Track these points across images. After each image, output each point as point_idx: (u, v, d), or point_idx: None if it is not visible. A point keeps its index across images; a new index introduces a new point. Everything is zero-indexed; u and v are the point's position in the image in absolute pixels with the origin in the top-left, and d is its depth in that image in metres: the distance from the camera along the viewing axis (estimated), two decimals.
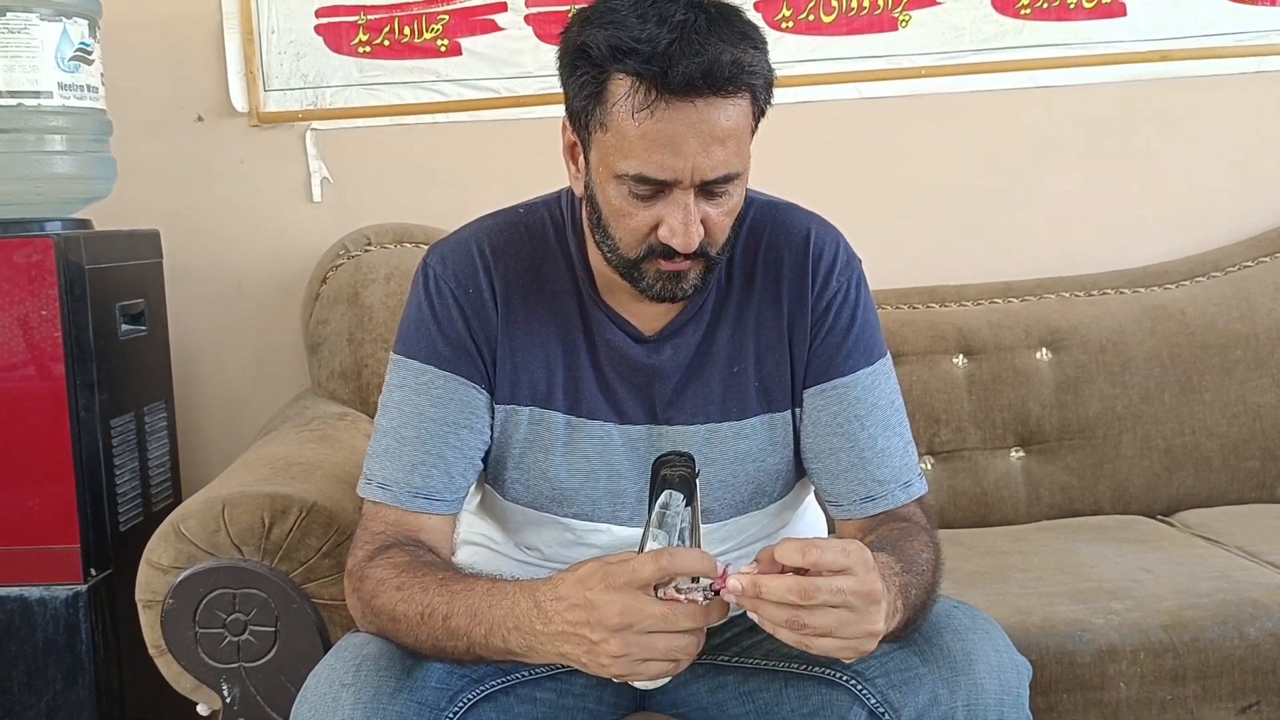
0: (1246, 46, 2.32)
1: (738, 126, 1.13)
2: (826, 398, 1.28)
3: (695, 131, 1.11)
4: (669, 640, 1.03)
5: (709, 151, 1.12)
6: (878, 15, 2.30)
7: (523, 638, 1.09)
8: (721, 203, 1.17)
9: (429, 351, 1.26)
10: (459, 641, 1.12)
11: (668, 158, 1.11)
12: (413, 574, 1.17)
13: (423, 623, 1.14)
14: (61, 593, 1.82)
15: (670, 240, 1.15)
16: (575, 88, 1.16)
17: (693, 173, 1.12)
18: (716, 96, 1.10)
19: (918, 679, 1.14)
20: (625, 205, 1.16)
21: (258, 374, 2.37)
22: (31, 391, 1.82)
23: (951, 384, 2.13)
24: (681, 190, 1.13)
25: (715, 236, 1.18)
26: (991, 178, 2.36)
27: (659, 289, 1.19)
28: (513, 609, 1.09)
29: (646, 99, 1.10)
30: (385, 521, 1.25)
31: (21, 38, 1.85)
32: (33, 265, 1.80)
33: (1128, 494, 2.12)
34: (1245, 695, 1.57)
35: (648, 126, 1.11)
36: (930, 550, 1.21)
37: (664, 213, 1.15)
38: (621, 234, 1.18)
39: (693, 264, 1.18)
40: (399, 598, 1.16)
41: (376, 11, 2.28)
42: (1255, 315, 2.17)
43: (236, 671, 1.48)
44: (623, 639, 1.02)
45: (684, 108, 1.10)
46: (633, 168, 1.13)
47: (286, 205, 2.34)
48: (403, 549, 1.21)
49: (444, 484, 1.25)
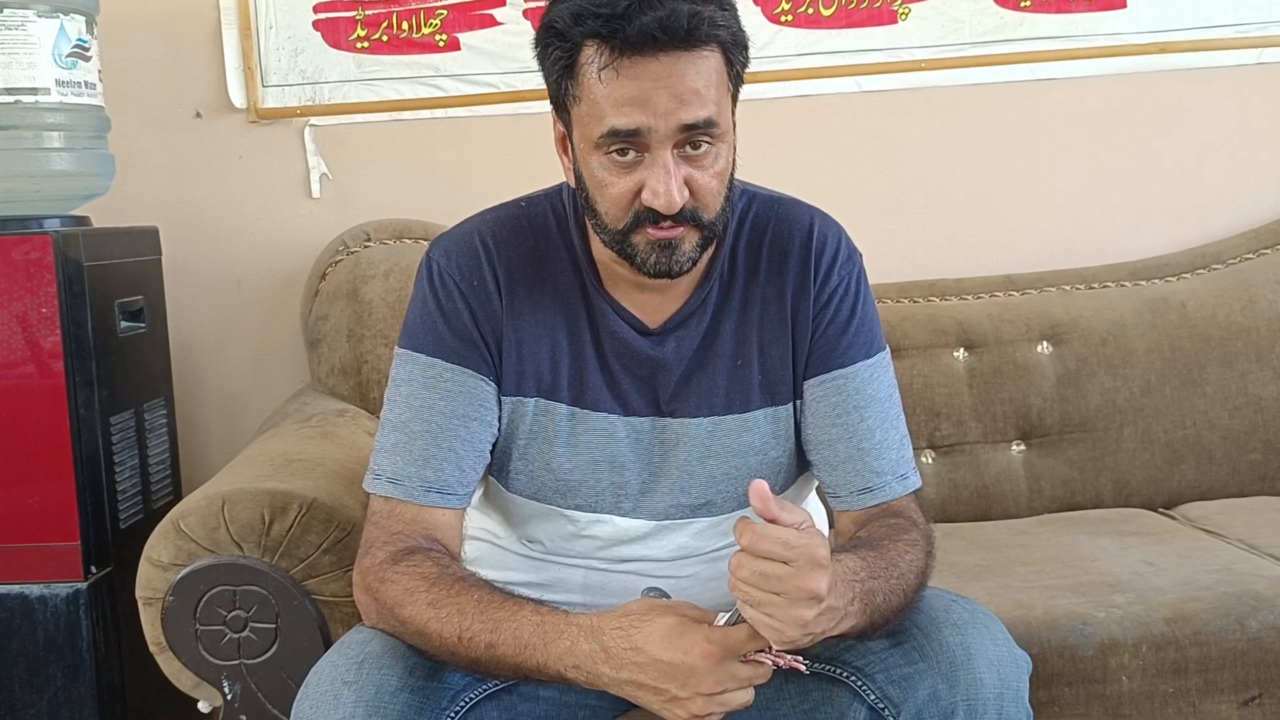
0: (1247, 38, 2.32)
1: (708, 81, 1.14)
2: (826, 389, 1.28)
3: (662, 85, 1.12)
4: (745, 695, 1.10)
5: (679, 104, 1.12)
6: (877, 8, 2.30)
7: (584, 676, 1.12)
8: (704, 164, 1.16)
9: (435, 344, 1.26)
10: (504, 668, 1.15)
11: (637, 112, 1.12)
12: (446, 590, 1.16)
13: (460, 644, 1.14)
14: (62, 590, 1.82)
15: (653, 202, 1.15)
16: (549, 67, 1.18)
17: (664, 123, 1.12)
18: (680, 50, 1.12)
19: (917, 675, 1.14)
20: (607, 175, 1.16)
21: (257, 370, 2.37)
22: (31, 389, 1.82)
23: (952, 377, 2.12)
24: (658, 147, 1.14)
25: (705, 200, 1.17)
26: (992, 170, 2.35)
27: (654, 261, 1.19)
28: (572, 649, 1.11)
29: (611, 58, 1.12)
30: (401, 520, 1.24)
31: (19, 34, 1.85)
32: (31, 263, 1.80)
33: (1129, 487, 2.12)
34: (1248, 688, 1.57)
35: (615, 86, 1.12)
36: (916, 549, 1.21)
37: (644, 175, 1.15)
38: (607, 206, 1.18)
39: (684, 231, 1.18)
40: (432, 615, 1.15)
41: (375, 6, 2.28)
42: (1256, 307, 2.16)
43: (237, 668, 1.47)
44: (711, 700, 1.09)
45: (648, 63, 1.12)
46: (605, 126, 1.13)
47: (285, 201, 2.33)
48: (428, 556, 1.21)
49: (456, 477, 1.25)
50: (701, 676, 1.07)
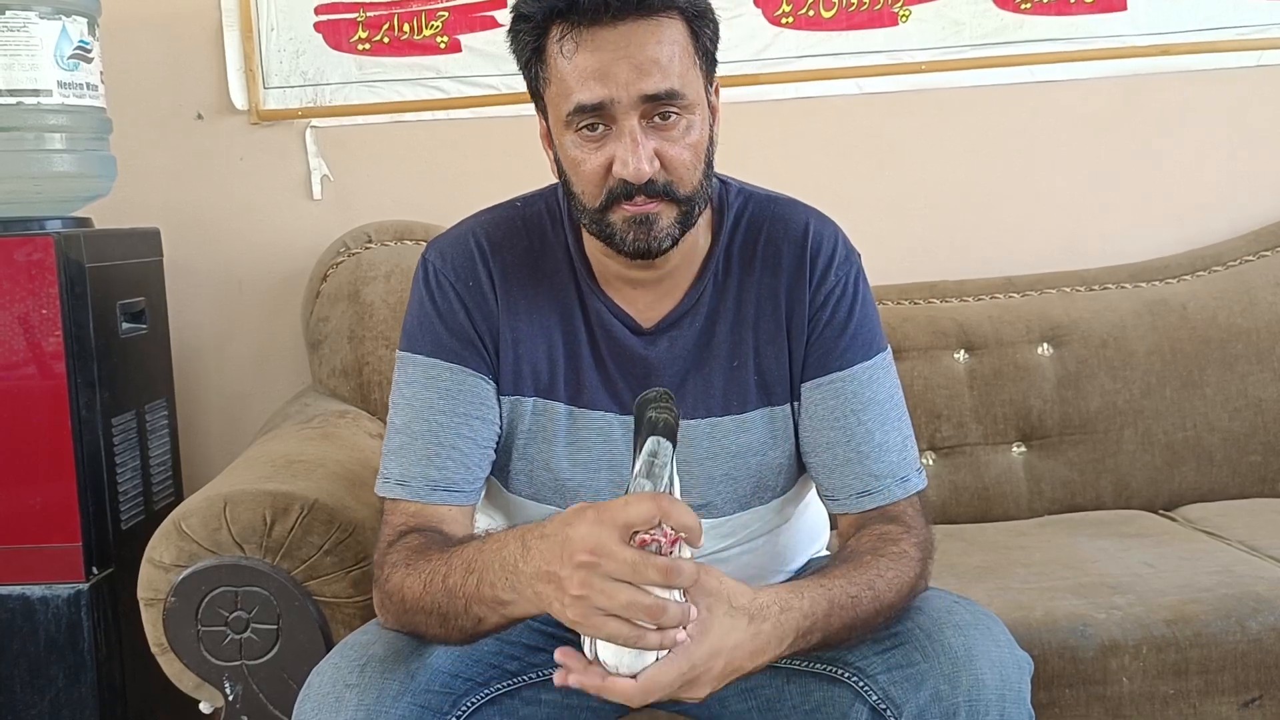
0: (1246, 40, 2.33)
1: (670, 52, 1.15)
2: (824, 391, 1.28)
3: (622, 55, 1.14)
4: (630, 594, 0.99)
5: (639, 74, 1.14)
6: (878, 10, 2.31)
7: (508, 578, 1.07)
8: (674, 135, 1.17)
9: (434, 345, 1.27)
10: (457, 601, 1.11)
11: (598, 85, 1.14)
12: (423, 552, 1.17)
13: (425, 592, 1.14)
14: (63, 591, 1.82)
15: (622, 173, 1.15)
16: (520, 54, 1.21)
17: (626, 93, 1.14)
18: (638, 18, 1.14)
19: (919, 675, 1.15)
20: (579, 153, 1.18)
21: (257, 371, 2.37)
22: (33, 390, 1.82)
23: (953, 379, 2.13)
24: (624, 118, 1.15)
25: (678, 173, 1.18)
26: (992, 172, 2.36)
27: (632, 239, 1.19)
28: (500, 551, 1.08)
29: (570, 33, 1.15)
30: (405, 514, 1.25)
31: (21, 35, 1.85)
32: (33, 264, 1.80)
33: (1129, 489, 2.12)
34: (1248, 689, 1.57)
35: (577, 60, 1.14)
36: (903, 562, 1.20)
37: (614, 149, 1.16)
38: (582, 184, 1.19)
39: (661, 207, 1.18)
40: (407, 573, 1.16)
41: (376, 9, 2.29)
42: (1256, 309, 2.17)
43: (239, 669, 1.48)
44: (586, 577, 0.99)
45: (607, 35, 1.14)
46: (572, 103, 1.15)
47: (286, 202, 2.34)
48: (420, 534, 1.21)
49: (461, 474, 1.26)
50: (574, 543, 1.00)
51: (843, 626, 1.14)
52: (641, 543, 0.99)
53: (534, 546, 1.05)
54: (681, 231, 1.21)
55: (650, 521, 0.99)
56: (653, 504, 0.99)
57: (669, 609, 1.00)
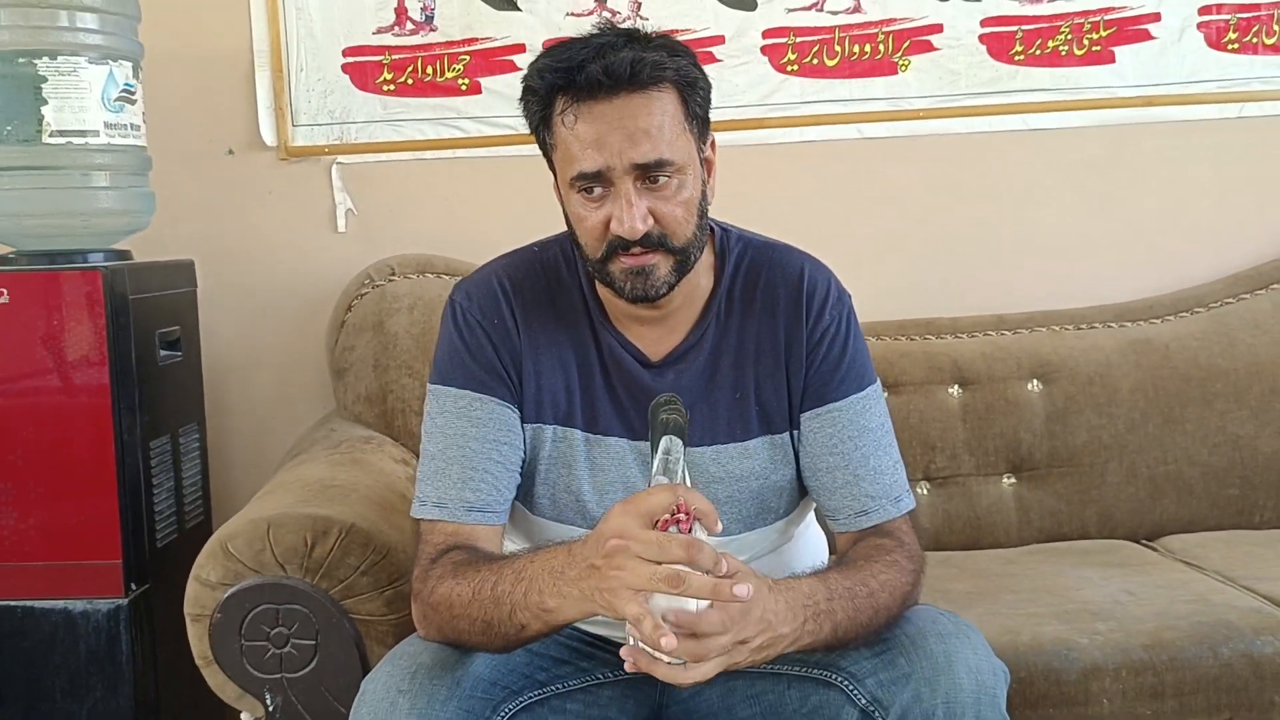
0: (1228, 93, 2.40)
1: (660, 121, 1.26)
2: (821, 420, 1.38)
3: (616, 127, 1.24)
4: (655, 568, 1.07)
5: (633, 142, 1.25)
6: (879, 60, 2.39)
7: (554, 584, 1.16)
8: (666, 194, 1.28)
9: (465, 378, 1.37)
10: (503, 607, 1.20)
11: (596, 153, 1.25)
12: (471, 564, 1.26)
13: (474, 600, 1.22)
14: (104, 606, 1.90)
15: (618, 230, 1.27)
16: (530, 121, 1.32)
17: (620, 161, 1.25)
18: (630, 92, 1.25)
19: (903, 679, 1.23)
20: (582, 211, 1.29)
21: (282, 396, 2.44)
22: (79, 414, 1.90)
23: (947, 413, 2.19)
24: (620, 181, 1.26)
25: (671, 228, 1.29)
26: (985, 215, 2.43)
27: (630, 287, 1.30)
28: (550, 560, 1.19)
29: (570, 105, 1.26)
30: (444, 533, 1.34)
31: (70, 80, 1.94)
32: (83, 296, 1.88)
33: (1113, 519, 2.18)
34: (1220, 711, 1.63)
35: (578, 130, 1.26)
36: (895, 569, 1.30)
37: (612, 208, 1.27)
38: (585, 239, 1.31)
39: (656, 258, 1.29)
40: (453, 584, 1.25)
41: (401, 52, 2.37)
42: (1235, 350, 2.23)
43: (279, 682, 1.55)
44: (618, 560, 1.09)
45: (603, 108, 1.25)
46: (574, 169, 1.27)
47: (312, 235, 2.41)
48: (462, 550, 1.31)
49: (494, 496, 1.35)
50: (608, 533, 1.10)
51: (844, 616, 1.22)
52: (664, 524, 1.10)
53: (576, 551, 1.16)
54: (678, 278, 1.32)
55: (669, 508, 1.11)
56: (670, 493, 1.11)
57: (690, 577, 1.07)
